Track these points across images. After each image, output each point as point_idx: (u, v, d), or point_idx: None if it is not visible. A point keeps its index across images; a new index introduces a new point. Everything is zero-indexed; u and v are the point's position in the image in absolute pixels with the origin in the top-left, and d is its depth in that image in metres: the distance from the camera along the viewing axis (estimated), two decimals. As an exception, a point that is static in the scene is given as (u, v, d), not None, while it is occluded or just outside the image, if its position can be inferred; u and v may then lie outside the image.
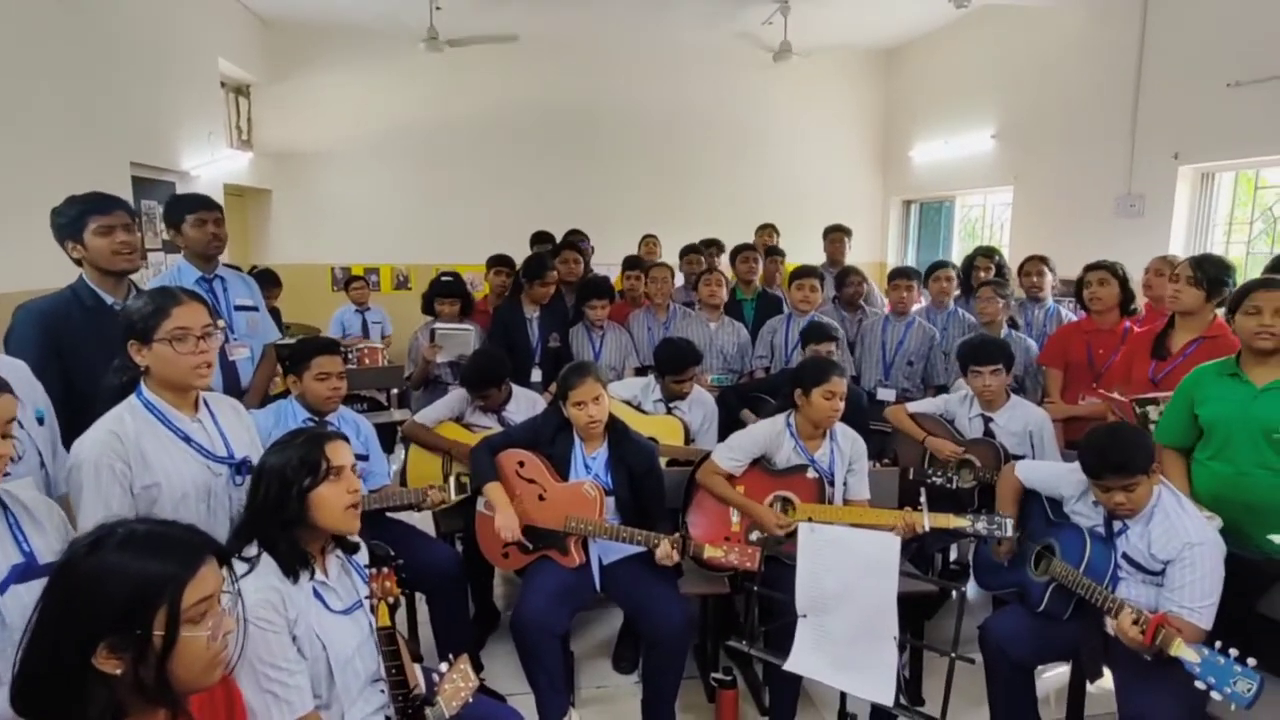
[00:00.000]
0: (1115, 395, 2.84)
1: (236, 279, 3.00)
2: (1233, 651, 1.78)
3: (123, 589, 1.07)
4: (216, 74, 6.02)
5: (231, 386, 2.84)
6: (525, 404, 3.37)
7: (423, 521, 3.08)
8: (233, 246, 6.71)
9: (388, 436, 3.87)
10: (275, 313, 5.57)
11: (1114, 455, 2.08)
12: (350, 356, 5.26)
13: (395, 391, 5.33)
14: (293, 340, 2.99)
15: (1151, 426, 2.58)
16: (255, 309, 3.01)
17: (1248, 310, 2.25)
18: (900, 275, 4.12)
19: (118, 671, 1.06)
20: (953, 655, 1.82)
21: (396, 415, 4.72)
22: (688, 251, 5.13)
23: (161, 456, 1.73)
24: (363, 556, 1.82)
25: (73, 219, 2.33)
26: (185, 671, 1.10)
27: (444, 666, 1.70)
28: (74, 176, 3.80)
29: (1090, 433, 2.21)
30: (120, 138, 4.43)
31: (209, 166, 5.59)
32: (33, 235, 3.47)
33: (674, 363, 3.34)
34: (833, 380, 2.62)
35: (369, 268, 7.43)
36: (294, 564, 1.60)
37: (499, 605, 3.44)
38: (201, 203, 2.86)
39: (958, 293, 4.38)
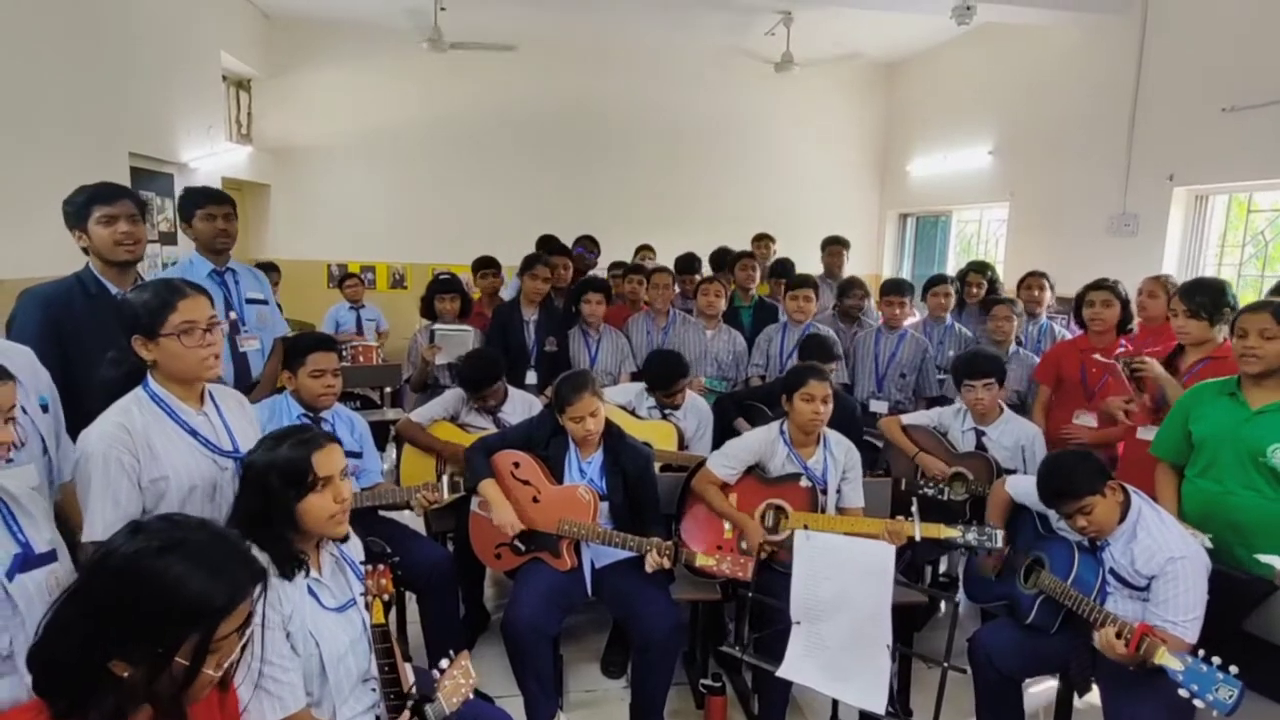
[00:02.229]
0: (1102, 359, 2.90)
1: (247, 272, 3.03)
2: (1215, 659, 1.80)
3: (161, 599, 1.07)
4: (218, 67, 6.01)
5: (242, 378, 2.86)
6: (521, 406, 3.37)
7: (414, 521, 3.08)
8: (229, 240, 6.69)
9: (380, 435, 3.86)
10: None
11: (1054, 482, 2.13)
12: (344, 354, 5.24)
13: (389, 390, 5.31)
14: (291, 335, 2.99)
15: (1145, 378, 2.64)
16: (265, 302, 3.04)
17: (1237, 333, 2.28)
18: (893, 291, 4.09)
19: (125, 674, 1.06)
20: (946, 665, 1.83)
21: (390, 414, 4.70)
22: (683, 270, 4.96)
23: (169, 450, 1.72)
24: (357, 553, 1.81)
25: (79, 207, 2.33)
26: (193, 694, 1.13)
27: (445, 663, 1.69)
28: (73, 165, 3.82)
29: (1039, 465, 2.25)
30: (120, 128, 4.42)
31: (208, 159, 5.58)
32: (31, 223, 3.47)
33: (661, 378, 3.35)
34: (810, 384, 2.64)
35: (365, 265, 7.42)
36: (289, 564, 1.60)
37: (488, 607, 3.43)
38: (212, 197, 2.88)
39: (954, 307, 4.41)
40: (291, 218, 7.34)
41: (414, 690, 1.71)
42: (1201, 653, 1.80)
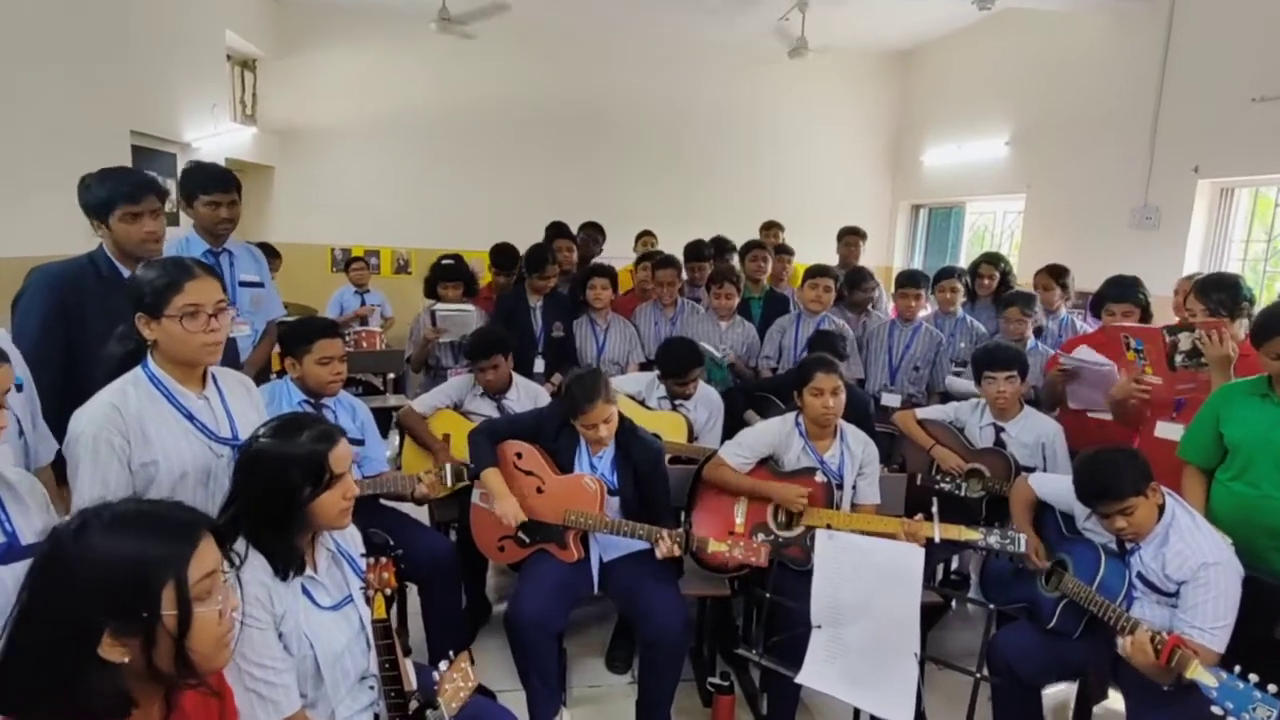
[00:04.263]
0: (1139, 325, 2.74)
1: (245, 253, 2.94)
2: (1252, 676, 1.72)
3: (123, 572, 1.01)
4: (223, 46, 5.92)
5: (230, 362, 2.77)
6: (526, 396, 3.30)
7: (416, 510, 3.00)
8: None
9: (383, 421, 3.80)
10: None
11: (1098, 481, 2.04)
12: (347, 338, 5.17)
13: (391, 376, 5.24)
14: (292, 319, 2.92)
15: (1180, 357, 2.50)
16: (260, 285, 2.95)
17: (1271, 355, 2.17)
18: (909, 283, 4.02)
19: (126, 659, 1.00)
20: (978, 676, 1.75)
21: (392, 400, 4.64)
22: (692, 257, 4.84)
23: (162, 433, 1.66)
24: (356, 546, 1.74)
25: (102, 202, 2.24)
26: (199, 649, 1.05)
27: (444, 665, 1.62)
28: (73, 144, 3.74)
29: (1078, 460, 2.15)
30: (121, 105, 4.33)
31: (211, 139, 5.49)
32: (31, 201, 3.40)
33: (675, 366, 3.27)
34: (817, 377, 2.56)
35: (369, 249, 7.33)
36: (286, 564, 1.53)
37: (491, 598, 3.37)
38: (217, 183, 2.76)
39: (964, 299, 4.31)
40: (295, 200, 7.25)
41: (416, 691, 1.64)
42: (1238, 669, 1.72)
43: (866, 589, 1.84)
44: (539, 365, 3.95)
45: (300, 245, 6.99)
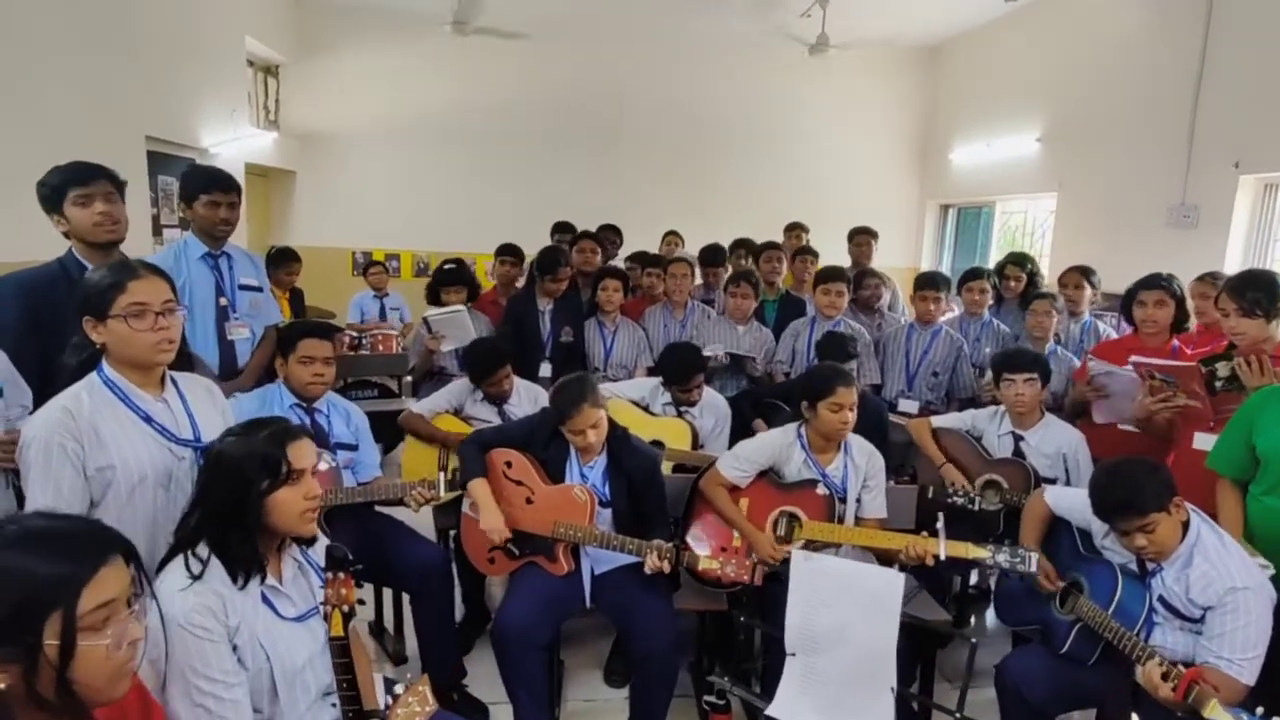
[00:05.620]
0: (1168, 362, 2.57)
1: (243, 257, 2.94)
2: (1277, 719, 1.57)
3: (8, 593, 0.96)
4: (243, 51, 5.99)
5: (229, 366, 2.78)
6: (528, 399, 3.24)
7: (412, 516, 2.96)
8: (255, 227, 6.70)
9: (394, 425, 3.77)
10: (298, 293, 5.48)
11: (1119, 494, 1.89)
12: (363, 342, 5.21)
13: (408, 379, 5.23)
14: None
15: (1220, 383, 2.35)
16: (259, 289, 2.94)
17: None
18: (928, 285, 3.85)
19: (2, 685, 0.95)
20: (958, 716, 1.63)
21: (409, 403, 4.61)
22: (707, 262, 4.74)
23: (119, 436, 1.62)
24: (322, 558, 1.69)
25: (54, 189, 2.26)
26: (87, 681, 1.00)
27: (399, 688, 1.56)
28: (87, 147, 3.72)
29: (1095, 471, 2.00)
30: (137, 110, 4.38)
31: (231, 145, 5.55)
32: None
33: (678, 373, 3.18)
34: (838, 392, 2.44)
35: (390, 253, 7.38)
36: (247, 568, 1.48)
37: (492, 606, 3.31)
38: (218, 183, 2.76)
39: (992, 303, 4.14)
40: (317, 205, 7.34)
41: (380, 710, 1.58)
42: (1260, 710, 1.57)
43: (843, 615, 1.73)
44: (545, 370, 3.88)
45: (322, 249, 7.07)
